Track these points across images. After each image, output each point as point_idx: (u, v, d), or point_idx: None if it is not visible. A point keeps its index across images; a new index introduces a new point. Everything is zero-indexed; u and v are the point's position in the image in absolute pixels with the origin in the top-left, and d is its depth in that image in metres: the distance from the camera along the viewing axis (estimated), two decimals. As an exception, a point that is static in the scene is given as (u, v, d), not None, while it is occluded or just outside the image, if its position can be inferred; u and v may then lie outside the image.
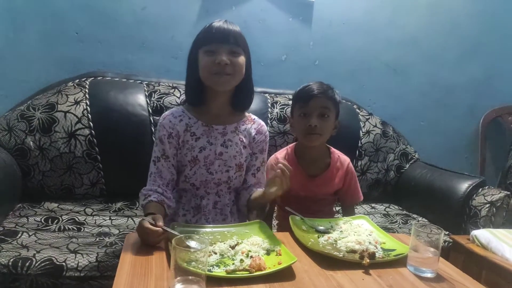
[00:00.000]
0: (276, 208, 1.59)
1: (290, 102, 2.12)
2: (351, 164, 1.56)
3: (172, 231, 1.04)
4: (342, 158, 1.55)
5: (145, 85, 2.00)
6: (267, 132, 1.41)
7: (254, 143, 1.37)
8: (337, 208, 1.73)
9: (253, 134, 1.36)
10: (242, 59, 1.24)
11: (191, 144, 1.28)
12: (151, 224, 1.04)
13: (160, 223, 1.05)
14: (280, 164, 1.17)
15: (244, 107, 1.37)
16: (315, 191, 1.50)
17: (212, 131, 1.30)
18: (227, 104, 1.32)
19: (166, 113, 1.33)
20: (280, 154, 1.55)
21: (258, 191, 1.34)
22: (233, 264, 0.96)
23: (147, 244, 1.05)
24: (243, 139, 1.34)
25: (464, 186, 1.91)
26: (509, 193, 1.84)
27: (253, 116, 1.41)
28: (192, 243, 0.89)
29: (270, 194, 1.20)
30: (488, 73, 2.62)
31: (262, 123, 1.41)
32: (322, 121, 1.42)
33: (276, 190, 1.17)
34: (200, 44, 1.24)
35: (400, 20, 2.42)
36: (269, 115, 2.08)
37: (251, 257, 0.98)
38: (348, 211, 1.58)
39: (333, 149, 1.56)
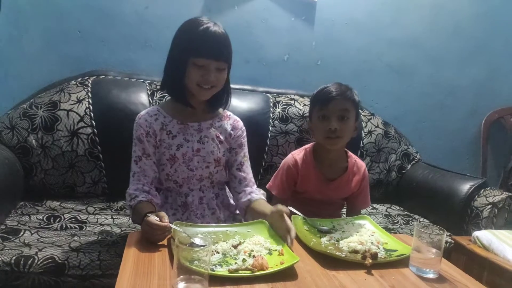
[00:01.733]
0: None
1: (292, 102, 2.14)
2: (366, 170, 1.56)
3: (178, 228, 1.04)
4: (359, 163, 1.54)
5: (147, 84, 2.00)
6: (243, 127, 1.44)
7: (231, 139, 1.39)
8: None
9: (229, 130, 1.39)
10: (225, 73, 1.29)
11: (168, 143, 1.31)
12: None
13: (166, 219, 1.06)
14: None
15: (219, 105, 1.39)
16: (330, 195, 1.50)
17: (188, 128, 1.33)
18: (203, 103, 1.35)
19: (142, 112, 1.36)
20: (298, 155, 1.53)
21: (261, 206, 1.30)
22: (235, 263, 0.96)
23: (152, 241, 1.06)
24: (219, 135, 1.37)
25: (466, 187, 1.91)
26: (511, 194, 1.84)
27: (229, 113, 1.44)
28: (197, 240, 0.90)
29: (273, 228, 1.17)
30: (490, 75, 2.62)
31: (237, 118, 1.44)
32: (342, 124, 1.41)
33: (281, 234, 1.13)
34: (191, 53, 1.23)
35: (402, 21, 2.42)
36: (271, 114, 2.07)
37: (254, 256, 0.99)
38: (353, 215, 1.54)
39: (350, 153, 1.55)
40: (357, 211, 1.58)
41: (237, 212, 1.44)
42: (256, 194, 1.34)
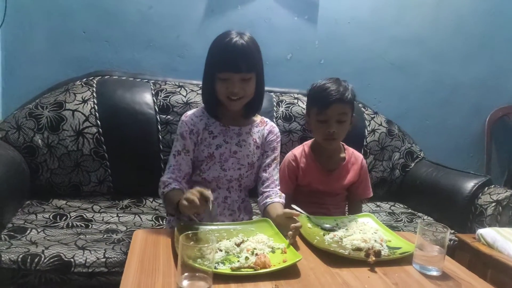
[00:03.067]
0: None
1: (296, 101, 2.15)
2: (364, 160, 1.61)
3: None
4: (356, 153, 1.60)
5: (151, 84, 2.02)
6: (279, 133, 1.49)
7: (266, 143, 1.44)
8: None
9: (266, 134, 1.45)
10: (252, 83, 1.32)
11: (208, 142, 1.36)
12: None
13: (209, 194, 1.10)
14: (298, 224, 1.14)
15: (253, 112, 1.44)
16: (332, 185, 1.54)
17: (229, 131, 1.39)
18: (240, 110, 1.40)
19: (188, 112, 1.41)
20: (297, 150, 1.59)
21: (273, 209, 1.31)
22: (238, 261, 0.97)
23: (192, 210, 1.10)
24: (257, 140, 1.43)
25: (470, 185, 1.91)
26: (515, 192, 1.84)
27: (266, 119, 1.50)
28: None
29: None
30: (494, 72, 2.61)
31: (274, 125, 1.51)
32: (340, 126, 1.45)
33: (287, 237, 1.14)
34: (215, 68, 1.30)
35: (405, 19, 2.42)
36: (274, 113, 2.08)
37: (256, 254, 0.99)
38: (355, 206, 1.61)
39: (346, 145, 1.60)
40: (358, 201, 1.63)
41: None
42: (271, 198, 1.36)
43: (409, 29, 2.43)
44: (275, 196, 1.37)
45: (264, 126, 1.46)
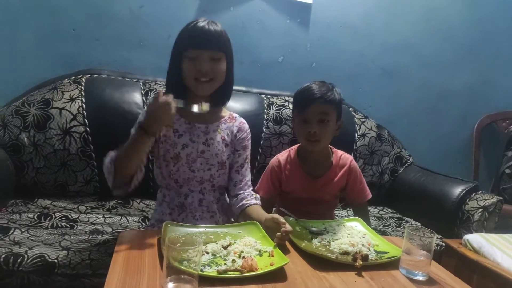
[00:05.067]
0: (274, 210, 1.59)
1: (286, 103, 2.15)
2: (354, 162, 1.54)
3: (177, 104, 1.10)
4: (345, 156, 1.54)
5: (141, 84, 2.00)
6: (249, 129, 1.43)
7: (236, 141, 1.38)
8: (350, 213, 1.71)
9: (235, 131, 1.38)
10: (223, 64, 1.27)
11: (173, 141, 1.30)
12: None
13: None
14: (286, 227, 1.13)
15: (222, 102, 1.38)
16: (317, 192, 1.49)
17: (195, 129, 1.32)
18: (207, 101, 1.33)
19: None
20: (282, 156, 1.53)
21: (256, 212, 1.29)
22: (224, 264, 0.96)
23: (161, 121, 1.10)
24: (225, 137, 1.36)
25: (457, 190, 1.92)
26: (501, 198, 1.86)
27: (234, 115, 1.43)
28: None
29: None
30: (482, 79, 2.64)
31: (243, 120, 1.43)
32: (322, 127, 1.40)
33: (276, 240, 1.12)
34: (182, 47, 1.25)
35: (396, 25, 2.44)
36: (265, 116, 2.08)
37: (243, 257, 0.98)
38: (359, 211, 1.55)
39: (335, 149, 1.55)
40: (359, 206, 1.56)
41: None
42: (248, 200, 1.34)
43: (399, 35, 2.45)
44: (250, 198, 1.35)
45: (233, 123, 1.39)
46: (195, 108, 1.20)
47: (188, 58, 1.24)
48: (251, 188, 1.41)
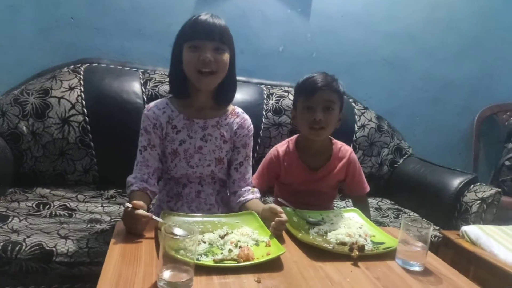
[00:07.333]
0: (272, 200, 1.59)
1: (286, 94, 2.14)
2: (353, 154, 1.53)
3: (157, 218, 1.04)
4: (344, 148, 1.53)
5: (140, 73, 1.99)
6: (251, 126, 1.39)
7: (236, 137, 1.36)
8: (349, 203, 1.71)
9: (235, 128, 1.35)
10: (226, 56, 1.24)
11: (171, 137, 1.30)
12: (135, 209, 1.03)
13: (141, 211, 1.03)
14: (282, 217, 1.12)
15: (227, 100, 1.36)
16: (316, 184, 1.48)
17: (193, 125, 1.31)
18: (210, 98, 1.32)
19: (151, 104, 1.33)
20: (282, 147, 1.52)
21: (254, 205, 1.30)
22: (221, 253, 0.96)
23: (134, 231, 1.05)
24: (224, 133, 1.34)
25: (456, 182, 1.92)
26: (500, 190, 1.85)
27: (238, 110, 1.39)
28: (178, 231, 0.88)
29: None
30: (484, 71, 2.62)
31: (246, 117, 1.39)
32: (327, 115, 1.39)
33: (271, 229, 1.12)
34: (185, 38, 1.23)
35: (398, 15, 2.41)
36: (264, 106, 2.07)
37: (240, 247, 0.99)
38: (358, 204, 1.54)
39: (335, 140, 1.53)
40: (358, 198, 1.57)
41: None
42: (245, 196, 1.34)
43: (401, 25, 2.43)
44: (247, 194, 1.35)
45: (234, 119, 1.36)
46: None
47: (190, 47, 1.21)
48: (250, 185, 1.40)
